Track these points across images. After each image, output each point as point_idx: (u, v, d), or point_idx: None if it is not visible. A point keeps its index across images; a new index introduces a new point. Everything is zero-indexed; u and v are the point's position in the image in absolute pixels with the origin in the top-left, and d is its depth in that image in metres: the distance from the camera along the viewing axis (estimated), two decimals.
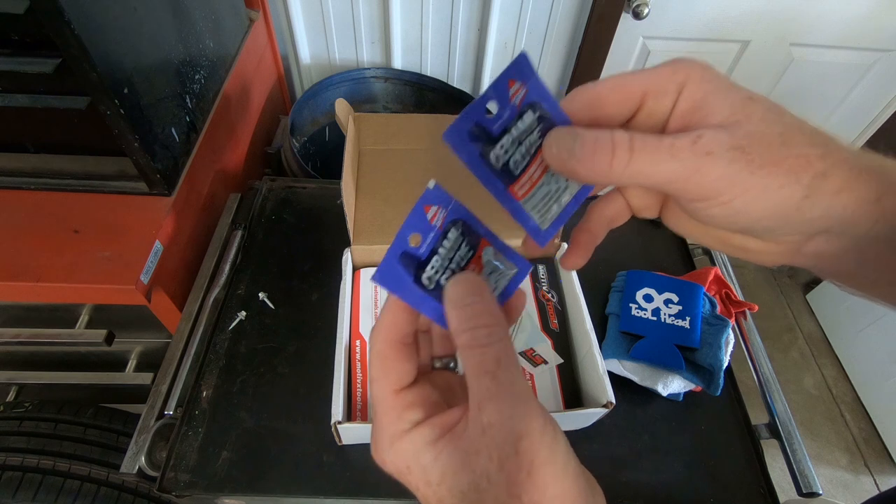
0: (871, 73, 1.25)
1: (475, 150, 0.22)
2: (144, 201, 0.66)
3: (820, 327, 1.68)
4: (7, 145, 0.66)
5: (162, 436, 0.54)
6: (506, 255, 0.25)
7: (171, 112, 0.67)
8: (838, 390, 1.54)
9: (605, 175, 0.20)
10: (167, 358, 0.60)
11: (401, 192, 0.69)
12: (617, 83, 0.21)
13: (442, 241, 0.23)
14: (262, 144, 1.07)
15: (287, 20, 1.16)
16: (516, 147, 0.22)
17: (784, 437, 0.58)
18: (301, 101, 1.07)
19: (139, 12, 0.59)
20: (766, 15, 1.15)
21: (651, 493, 0.54)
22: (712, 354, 0.59)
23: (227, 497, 0.52)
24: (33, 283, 0.59)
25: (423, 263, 0.23)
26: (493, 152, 0.22)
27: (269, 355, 0.61)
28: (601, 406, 0.50)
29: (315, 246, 0.73)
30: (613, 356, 0.61)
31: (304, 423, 0.56)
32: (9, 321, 0.73)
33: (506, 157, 0.22)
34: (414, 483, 0.22)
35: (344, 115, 0.72)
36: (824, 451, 1.40)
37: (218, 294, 0.66)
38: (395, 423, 0.22)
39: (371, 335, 0.23)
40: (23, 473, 0.64)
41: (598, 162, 0.20)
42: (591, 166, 0.20)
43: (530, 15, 1.14)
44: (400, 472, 0.22)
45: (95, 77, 0.52)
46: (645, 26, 1.16)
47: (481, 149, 0.22)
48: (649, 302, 0.64)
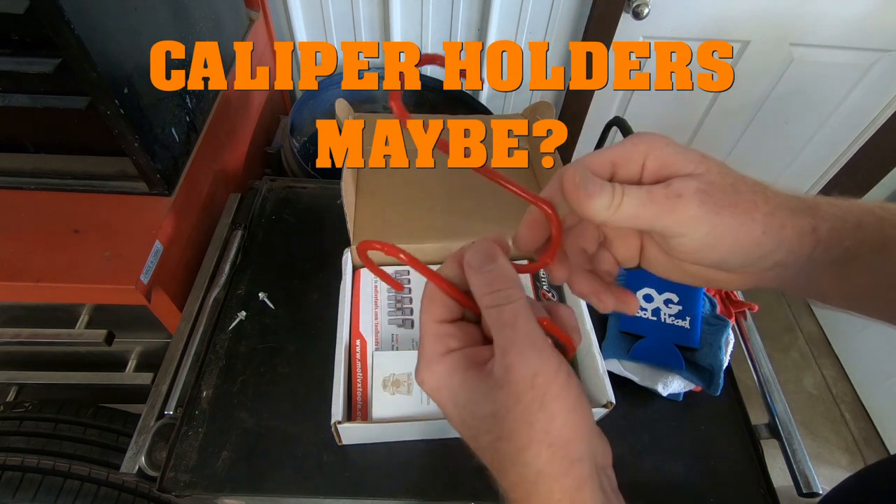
0: (871, 73, 1.24)
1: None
2: (144, 201, 0.66)
3: (820, 327, 1.68)
4: (7, 145, 0.66)
5: (162, 436, 0.54)
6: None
7: (171, 112, 0.67)
8: (838, 390, 1.54)
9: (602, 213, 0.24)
10: (167, 358, 0.60)
11: (401, 192, 0.69)
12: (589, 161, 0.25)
13: None
14: (262, 144, 1.07)
15: (287, 20, 1.15)
16: None
17: (784, 437, 0.58)
18: (301, 101, 1.07)
19: (139, 12, 0.59)
20: (766, 15, 1.15)
21: (651, 493, 0.54)
22: (712, 354, 0.59)
23: (227, 497, 0.52)
24: (33, 283, 0.59)
25: None
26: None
27: (269, 355, 0.61)
28: (601, 406, 0.50)
29: (315, 246, 0.73)
30: (613, 356, 0.61)
31: (304, 423, 0.56)
32: (9, 321, 0.73)
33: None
34: (443, 402, 0.25)
35: (344, 115, 0.73)
36: (824, 451, 1.40)
37: (218, 294, 0.66)
38: (434, 346, 0.25)
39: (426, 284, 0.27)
40: (23, 473, 0.64)
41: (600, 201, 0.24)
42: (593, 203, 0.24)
43: (530, 15, 1.14)
44: (433, 390, 0.25)
45: (95, 77, 0.52)
46: (645, 26, 1.16)
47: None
48: (649, 302, 0.64)
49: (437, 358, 0.25)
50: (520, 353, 0.23)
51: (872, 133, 1.36)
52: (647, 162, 0.25)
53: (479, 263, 0.25)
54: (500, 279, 0.24)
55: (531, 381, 0.22)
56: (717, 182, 0.24)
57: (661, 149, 0.25)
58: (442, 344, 0.25)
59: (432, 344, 0.25)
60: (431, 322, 0.26)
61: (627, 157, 0.25)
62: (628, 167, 0.25)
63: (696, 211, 0.23)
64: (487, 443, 0.24)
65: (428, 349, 0.26)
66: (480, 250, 0.25)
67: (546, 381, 0.23)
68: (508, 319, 0.24)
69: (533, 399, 0.22)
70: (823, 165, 1.50)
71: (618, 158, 0.25)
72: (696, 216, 0.23)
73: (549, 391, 0.22)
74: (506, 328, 0.23)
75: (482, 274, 0.25)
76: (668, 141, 0.25)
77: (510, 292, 0.24)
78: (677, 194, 0.23)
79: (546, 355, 0.23)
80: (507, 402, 0.23)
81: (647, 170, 0.25)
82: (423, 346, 0.26)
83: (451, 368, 0.25)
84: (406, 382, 0.52)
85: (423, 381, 0.26)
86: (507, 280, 0.24)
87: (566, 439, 0.23)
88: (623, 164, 0.25)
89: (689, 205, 0.23)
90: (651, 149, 0.25)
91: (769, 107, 1.34)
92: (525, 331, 0.23)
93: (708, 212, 0.23)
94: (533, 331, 0.24)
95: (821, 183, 1.54)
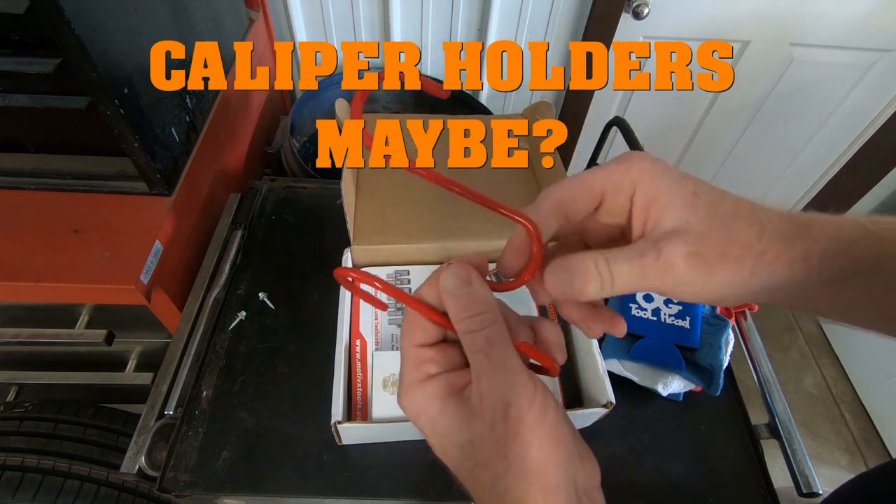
0: (871, 73, 1.24)
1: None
2: (144, 201, 0.66)
3: (820, 327, 1.68)
4: (7, 145, 0.66)
5: (162, 436, 0.54)
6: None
7: (171, 112, 0.67)
8: (838, 390, 1.54)
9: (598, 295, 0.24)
10: (167, 358, 0.60)
11: (401, 192, 0.69)
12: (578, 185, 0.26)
13: None
14: (262, 144, 1.07)
15: (287, 20, 1.15)
16: None
17: (784, 437, 0.58)
18: (301, 101, 1.07)
19: (139, 12, 0.59)
20: (766, 15, 1.15)
21: (651, 493, 0.54)
22: (712, 354, 0.59)
23: (227, 497, 0.52)
24: (33, 283, 0.59)
25: None
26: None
27: (269, 355, 0.61)
28: (601, 406, 0.50)
29: (315, 246, 0.73)
30: (613, 356, 0.61)
31: (304, 423, 0.56)
32: (9, 321, 0.73)
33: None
34: (423, 429, 0.25)
35: (344, 115, 0.72)
36: (824, 451, 1.40)
37: (218, 294, 0.66)
38: (413, 373, 0.25)
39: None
40: (23, 473, 0.64)
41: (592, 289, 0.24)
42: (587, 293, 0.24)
43: (530, 15, 1.14)
44: (413, 417, 0.25)
45: (95, 77, 0.52)
46: (645, 26, 1.16)
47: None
48: (649, 302, 0.64)
49: (415, 385, 0.25)
50: (492, 382, 0.23)
51: (872, 133, 1.36)
52: (636, 196, 0.25)
53: (454, 287, 0.25)
54: (473, 303, 0.24)
55: (504, 412, 0.22)
56: (706, 234, 0.23)
57: (650, 181, 0.24)
58: (420, 371, 0.25)
59: (411, 370, 0.25)
60: (410, 347, 0.26)
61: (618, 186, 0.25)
62: (617, 197, 0.25)
63: (687, 277, 0.23)
64: (466, 470, 0.24)
65: (407, 375, 0.25)
66: (454, 274, 0.25)
67: (519, 411, 0.22)
68: (481, 345, 0.23)
69: (506, 430, 0.22)
70: (823, 165, 1.50)
71: (608, 187, 0.25)
72: (689, 281, 0.23)
73: (523, 421, 0.22)
74: (479, 354, 0.23)
75: (456, 298, 0.25)
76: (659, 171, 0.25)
77: (484, 317, 0.24)
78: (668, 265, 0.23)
79: (521, 382, 0.23)
80: (482, 431, 0.23)
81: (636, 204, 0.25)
82: (403, 371, 0.26)
83: (430, 396, 0.24)
84: None
85: (404, 408, 0.26)
86: (480, 304, 0.24)
87: (542, 468, 0.22)
88: (612, 193, 0.25)
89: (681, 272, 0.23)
90: (641, 179, 0.25)
91: (769, 107, 1.34)
92: (498, 357, 0.23)
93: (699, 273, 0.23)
94: (506, 357, 0.23)
95: (821, 183, 1.54)
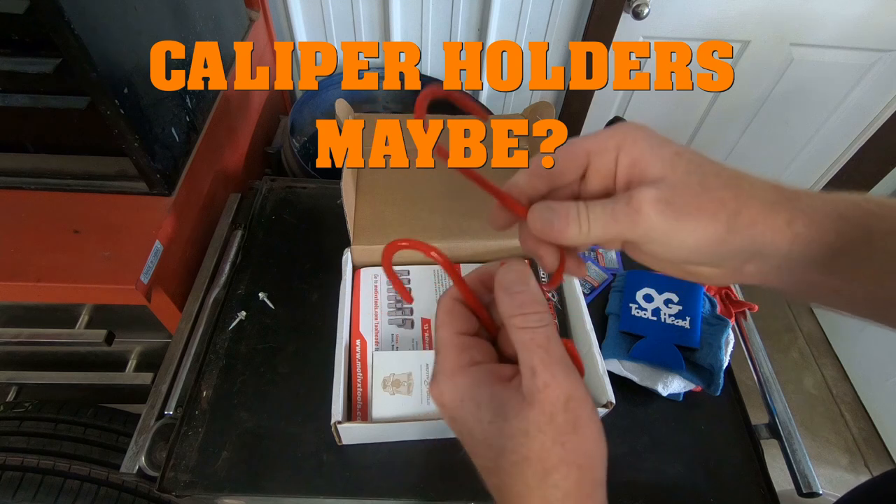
0: (871, 73, 1.24)
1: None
2: (144, 201, 0.66)
3: (820, 327, 1.68)
4: (7, 145, 0.66)
5: (162, 436, 0.54)
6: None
7: (171, 112, 0.67)
8: (838, 390, 1.54)
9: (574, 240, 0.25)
10: (167, 358, 0.60)
11: (401, 192, 0.69)
12: (566, 149, 0.26)
13: None
14: (262, 144, 1.07)
15: (287, 20, 1.15)
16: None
17: (784, 437, 0.58)
18: (301, 101, 1.07)
19: (139, 12, 0.59)
20: (766, 15, 1.15)
21: (651, 493, 0.54)
22: (712, 354, 0.59)
23: (227, 497, 0.52)
24: (33, 283, 0.59)
25: None
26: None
27: (269, 355, 0.61)
28: (601, 406, 0.50)
29: (315, 246, 0.73)
30: (613, 356, 0.61)
31: (304, 423, 0.56)
32: (9, 321, 0.73)
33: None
34: (462, 416, 0.25)
35: (344, 115, 0.73)
36: (824, 451, 1.40)
37: (218, 294, 0.66)
38: (457, 358, 0.25)
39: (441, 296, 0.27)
40: (23, 473, 0.64)
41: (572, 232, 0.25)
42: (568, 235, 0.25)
43: (530, 15, 1.14)
44: (453, 403, 0.25)
45: (95, 77, 0.52)
46: (645, 26, 1.16)
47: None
48: (649, 302, 0.64)
49: (461, 370, 0.25)
50: (554, 375, 0.23)
51: (872, 133, 1.36)
52: (620, 156, 0.25)
53: (512, 284, 0.25)
54: (532, 302, 0.25)
55: (565, 404, 0.23)
56: (679, 185, 0.24)
57: (633, 143, 0.25)
58: (466, 355, 0.25)
59: (455, 355, 0.25)
60: (453, 334, 0.26)
61: (602, 147, 0.26)
62: (602, 158, 0.26)
63: (654, 222, 0.24)
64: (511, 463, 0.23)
65: (450, 360, 0.25)
66: (514, 271, 0.26)
67: (578, 404, 0.23)
68: (542, 342, 0.24)
69: (566, 420, 0.23)
70: (823, 165, 1.50)
71: (592, 148, 0.26)
72: (656, 227, 0.24)
73: (581, 414, 0.23)
74: (539, 349, 0.24)
75: (513, 295, 0.25)
76: (643, 134, 0.25)
77: (542, 315, 0.24)
78: (636, 210, 0.24)
79: (578, 380, 0.24)
80: (539, 421, 0.23)
81: (620, 164, 0.26)
82: (445, 357, 0.26)
83: (478, 380, 0.25)
84: (406, 382, 0.52)
85: (442, 393, 0.25)
86: (539, 304, 0.25)
87: (595, 462, 0.23)
88: (597, 154, 0.26)
89: (648, 217, 0.24)
90: (624, 142, 0.25)
91: (769, 107, 1.34)
92: (558, 354, 0.24)
93: (667, 220, 0.24)
94: (564, 355, 0.24)
95: (821, 183, 1.54)
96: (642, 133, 0.25)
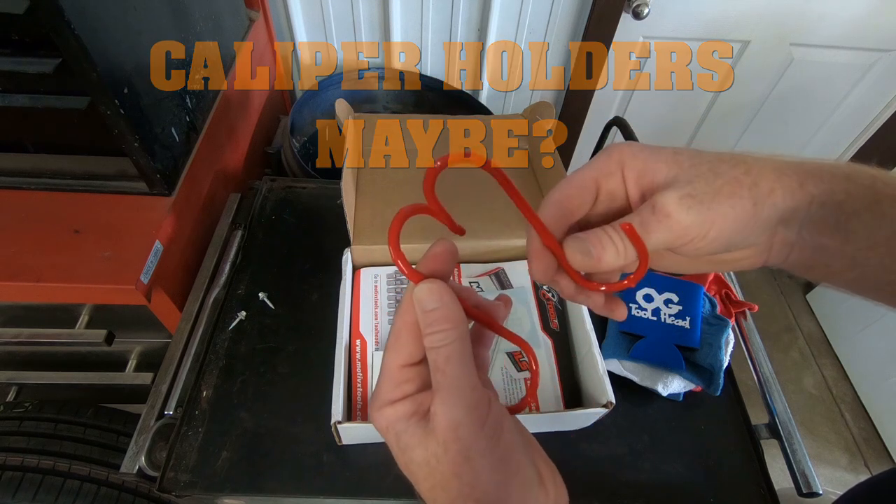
0: (871, 73, 1.24)
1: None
2: (144, 201, 0.66)
3: (820, 327, 1.68)
4: (7, 145, 0.66)
5: (162, 436, 0.54)
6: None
7: (171, 112, 0.67)
8: (838, 390, 1.54)
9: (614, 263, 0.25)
10: (167, 358, 0.60)
11: (401, 193, 0.69)
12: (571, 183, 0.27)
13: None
14: (262, 144, 1.07)
15: (287, 20, 1.16)
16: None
17: (784, 437, 0.58)
18: (301, 101, 1.07)
19: (139, 12, 0.59)
20: (766, 15, 1.15)
21: (651, 493, 0.54)
22: (712, 354, 0.59)
23: (227, 497, 0.52)
24: (33, 283, 0.59)
25: None
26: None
27: (269, 355, 0.61)
28: (601, 406, 0.50)
29: (315, 246, 0.73)
30: (613, 356, 0.61)
31: (304, 423, 0.56)
32: (9, 321, 0.73)
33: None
34: (389, 444, 0.25)
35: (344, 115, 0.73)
36: (824, 451, 1.40)
37: (218, 294, 0.66)
38: (390, 392, 0.25)
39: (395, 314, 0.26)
40: (23, 473, 0.64)
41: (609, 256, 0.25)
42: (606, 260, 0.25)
43: (530, 15, 1.14)
44: (381, 429, 0.25)
45: (95, 77, 0.52)
46: (645, 26, 1.16)
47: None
48: (649, 302, 0.64)
49: (390, 404, 0.25)
50: (443, 402, 0.23)
51: (873, 133, 1.36)
52: (625, 172, 0.26)
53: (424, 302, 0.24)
54: (439, 320, 0.24)
55: (455, 433, 0.22)
56: (694, 178, 0.24)
57: (632, 157, 0.26)
58: (398, 390, 0.25)
59: (388, 389, 0.25)
60: (395, 366, 0.25)
61: (606, 170, 0.26)
62: (610, 180, 0.27)
63: (687, 219, 0.24)
64: (426, 489, 0.24)
65: (383, 392, 0.25)
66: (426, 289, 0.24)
67: (469, 433, 0.22)
68: (440, 363, 0.23)
69: (458, 451, 0.22)
70: None
71: (597, 173, 0.27)
72: (690, 223, 0.24)
73: (472, 445, 0.22)
74: (437, 373, 0.23)
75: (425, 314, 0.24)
76: (637, 147, 0.26)
77: (446, 334, 0.23)
78: (666, 214, 0.24)
79: (472, 403, 0.23)
80: (437, 451, 0.23)
81: (628, 180, 0.26)
82: (380, 387, 0.25)
83: (399, 415, 0.24)
84: None
85: (373, 420, 0.26)
86: (445, 321, 0.24)
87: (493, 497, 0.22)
88: (604, 177, 0.27)
89: (680, 218, 0.24)
90: (623, 157, 0.26)
91: (769, 107, 1.34)
92: (453, 375, 0.23)
93: (699, 213, 0.24)
94: (461, 376, 0.23)
95: None
96: (636, 146, 0.26)
